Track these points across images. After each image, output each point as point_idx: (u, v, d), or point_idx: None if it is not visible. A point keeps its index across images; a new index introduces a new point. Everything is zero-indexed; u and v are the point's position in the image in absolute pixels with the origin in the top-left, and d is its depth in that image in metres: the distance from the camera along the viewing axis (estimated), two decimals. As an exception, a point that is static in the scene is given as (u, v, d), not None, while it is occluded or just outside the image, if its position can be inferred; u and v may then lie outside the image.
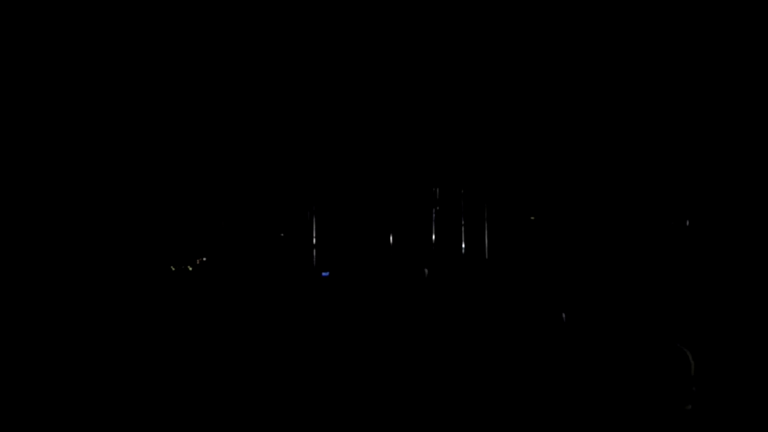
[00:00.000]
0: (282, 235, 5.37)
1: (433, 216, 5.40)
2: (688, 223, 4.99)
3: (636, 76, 5.08)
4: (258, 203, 5.35)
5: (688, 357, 1.47)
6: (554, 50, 5.11)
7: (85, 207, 4.99)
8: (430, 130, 5.35)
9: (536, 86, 5.23)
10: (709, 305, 4.34)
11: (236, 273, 5.19)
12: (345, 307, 4.86)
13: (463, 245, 5.34)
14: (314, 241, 5.36)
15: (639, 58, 5.03)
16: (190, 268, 5.11)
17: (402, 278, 5.18)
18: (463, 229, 5.37)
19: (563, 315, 3.81)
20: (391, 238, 5.38)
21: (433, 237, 5.37)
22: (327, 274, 5.24)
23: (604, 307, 4.29)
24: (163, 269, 5.06)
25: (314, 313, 4.79)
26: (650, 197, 5.10)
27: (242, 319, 4.67)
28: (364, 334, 4.39)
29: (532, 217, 5.31)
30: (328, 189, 5.41)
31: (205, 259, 5.17)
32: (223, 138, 5.29)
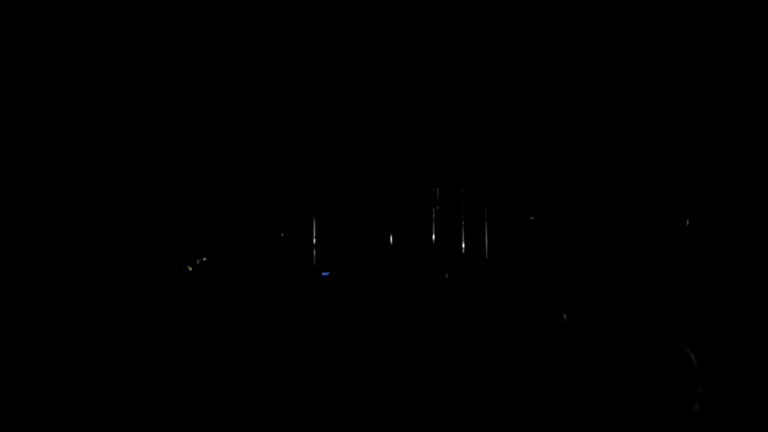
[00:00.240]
0: (282, 235, 5.38)
1: (433, 216, 5.40)
2: (688, 223, 5.00)
3: (636, 76, 5.08)
4: (258, 203, 5.35)
5: (690, 357, 1.47)
6: (554, 50, 5.11)
7: (85, 207, 4.99)
8: (430, 130, 5.36)
9: (536, 86, 5.23)
10: (709, 305, 4.34)
11: (236, 273, 5.19)
12: (345, 307, 4.87)
13: (463, 245, 5.34)
14: (314, 241, 5.36)
15: (639, 58, 5.03)
16: (190, 268, 5.11)
17: (419, 280, 5.18)
18: (463, 229, 5.38)
19: (564, 315, 3.81)
20: (391, 238, 5.39)
21: (433, 237, 5.37)
22: (327, 274, 5.24)
23: (604, 306, 4.29)
24: (162, 269, 5.06)
25: (314, 313, 4.79)
26: (650, 197, 5.10)
27: (242, 319, 4.67)
28: (365, 335, 4.40)
29: (531, 217, 5.31)
30: (328, 189, 5.42)
31: (205, 259, 5.17)
32: (223, 138, 5.29)
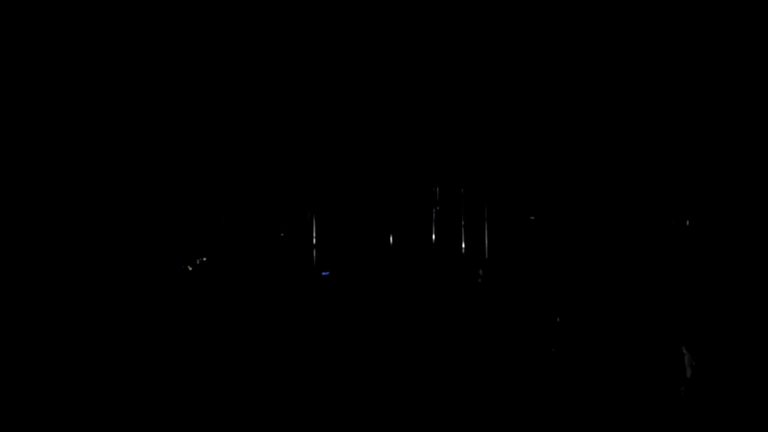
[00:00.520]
0: (282, 235, 5.38)
1: (433, 216, 5.40)
2: (688, 223, 4.98)
3: (636, 75, 5.08)
4: (258, 203, 5.36)
5: (681, 350, 1.46)
6: (554, 50, 5.11)
7: (84, 207, 5.00)
8: (430, 129, 5.36)
9: (536, 86, 5.23)
10: (710, 305, 4.33)
11: (236, 273, 5.19)
12: (346, 306, 4.87)
13: (463, 245, 5.33)
14: (314, 241, 5.36)
15: (639, 58, 5.03)
16: (190, 269, 5.11)
17: (419, 280, 5.17)
18: (463, 229, 5.37)
19: (557, 318, 3.81)
20: (391, 239, 5.38)
21: (434, 237, 5.37)
22: (327, 273, 5.24)
23: (605, 306, 4.28)
24: (162, 269, 5.06)
25: (314, 313, 4.79)
26: (650, 197, 5.09)
27: (243, 318, 4.67)
28: (365, 334, 4.39)
29: (532, 217, 5.30)
30: (328, 189, 5.42)
31: (205, 259, 5.17)
32: (222, 138, 5.30)
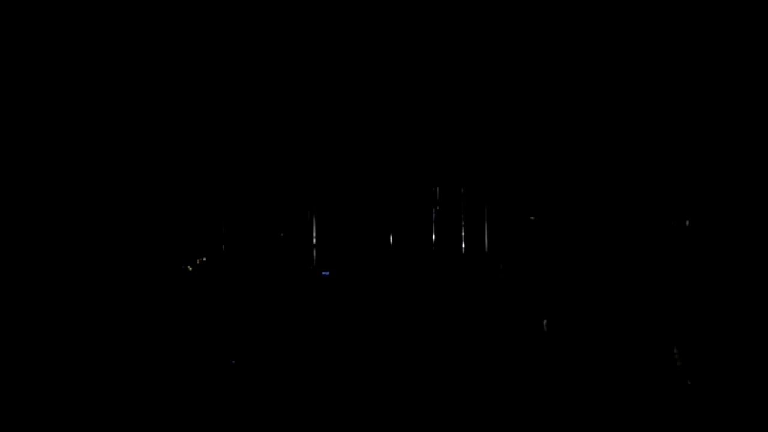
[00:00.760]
0: (282, 235, 5.38)
1: (433, 216, 5.40)
2: (688, 223, 4.99)
3: (636, 75, 5.08)
4: (258, 203, 5.35)
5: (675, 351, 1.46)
6: (554, 50, 5.11)
7: (83, 207, 4.99)
8: (430, 129, 5.36)
9: (536, 86, 5.23)
10: (710, 305, 4.33)
11: (236, 273, 5.19)
12: (346, 306, 4.87)
13: (463, 245, 5.34)
14: (314, 240, 5.36)
15: (639, 57, 5.03)
16: (190, 269, 5.11)
17: (419, 280, 5.17)
18: (463, 229, 5.37)
19: (544, 322, 3.82)
20: (391, 238, 5.38)
21: (434, 237, 5.37)
22: (327, 273, 5.24)
23: (604, 306, 4.29)
24: (162, 269, 5.06)
25: (314, 313, 4.79)
26: (650, 197, 5.10)
27: (243, 318, 4.67)
28: (365, 334, 4.40)
29: (532, 217, 5.31)
30: (327, 189, 5.42)
31: (205, 259, 5.17)
32: (222, 138, 5.29)
